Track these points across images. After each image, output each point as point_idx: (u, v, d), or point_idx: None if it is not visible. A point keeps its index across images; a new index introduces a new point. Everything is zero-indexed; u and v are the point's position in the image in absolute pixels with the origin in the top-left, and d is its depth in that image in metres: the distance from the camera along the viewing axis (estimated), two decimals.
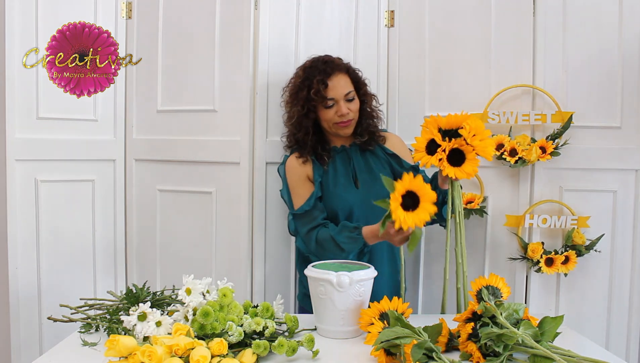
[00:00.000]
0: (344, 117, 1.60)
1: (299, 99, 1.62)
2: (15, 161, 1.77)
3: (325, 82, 1.59)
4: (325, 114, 1.61)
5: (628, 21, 1.76)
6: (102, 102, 1.94)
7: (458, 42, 1.89)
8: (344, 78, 1.62)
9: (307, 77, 1.61)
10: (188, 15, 1.91)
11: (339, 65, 1.64)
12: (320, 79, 1.58)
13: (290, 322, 1.24)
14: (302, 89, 1.61)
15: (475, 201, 1.83)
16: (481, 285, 1.21)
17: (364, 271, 1.27)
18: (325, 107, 1.60)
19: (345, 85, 1.62)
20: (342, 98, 1.60)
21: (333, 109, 1.60)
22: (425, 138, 1.33)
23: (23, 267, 1.80)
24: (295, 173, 1.65)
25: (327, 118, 1.61)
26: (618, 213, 1.80)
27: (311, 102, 1.60)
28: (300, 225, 1.61)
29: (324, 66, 1.61)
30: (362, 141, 1.67)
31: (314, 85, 1.58)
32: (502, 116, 1.80)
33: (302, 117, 1.62)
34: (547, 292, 1.85)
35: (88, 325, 1.26)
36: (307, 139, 1.64)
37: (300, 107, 1.62)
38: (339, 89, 1.60)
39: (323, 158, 1.65)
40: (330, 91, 1.59)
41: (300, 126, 1.64)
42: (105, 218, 1.98)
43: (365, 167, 1.66)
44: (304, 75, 1.62)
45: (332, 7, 1.94)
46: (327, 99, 1.59)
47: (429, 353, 1.02)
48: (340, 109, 1.59)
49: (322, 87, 1.58)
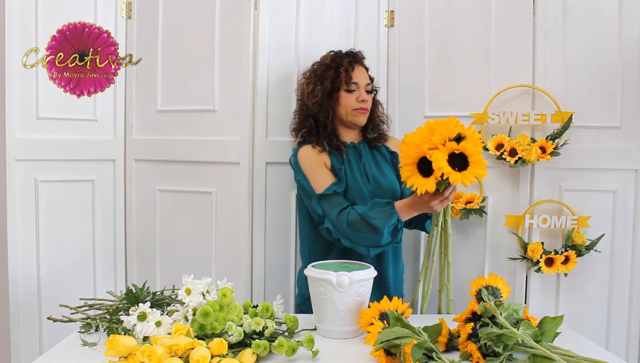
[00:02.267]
0: (364, 103, 1.65)
1: (326, 77, 1.66)
2: (15, 161, 1.77)
3: (353, 65, 1.67)
4: (347, 99, 1.65)
5: (628, 21, 1.76)
6: (102, 102, 1.94)
7: (458, 42, 1.89)
8: (365, 71, 1.72)
9: (335, 60, 1.68)
10: (188, 15, 1.91)
11: (363, 60, 1.74)
12: (349, 60, 1.67)
13: (290, 321, 1.24)
14: (329, 68, 1.67)
15: (474, 201, 1.83)
16: (481, 285, 1.21)
17: (363, 271, 1.27)
18: (348, 91, 1.65)
19: (367, 77, 1.71)
20: (364, 86, 1.68)
21: (354, 94, 1.65)
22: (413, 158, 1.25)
23: (23, 267, 1.80)
24: (314, 160, 1.62)
25: (347, 103, 1.65)
26: (618, 213, 1.80)
27: (338, 78, 1.64)
28: (329, 207, 1.55)
29: (351, 57, 1.70)
30: (372, 137, 1.72)
31: (344, 64, 1.66)
32: (502, 116, 1.80)
33: (326, 96, 1.65)
34: (547, 292, 1.85)
35: (88, 325, 1.26)
36: (327, 121, 1.65)
37: (327, 85, 1.65)
38: (362, 77, 1.68)
39: (340, 148, 1.65)
40: (355, 76, 1.66)
41: (322, 106, 1.65)
42: (105, 218, 1.98)
43: (374, 163, 1.68)
44: (332, 58, 1.69)
45: (332, 7, 1.94)
46: (352, 82, 1.65)
47: (429, 353, 1.02)
48: (362, 95, 1.66)
49: (350, 70, 1.65)
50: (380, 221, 1.46)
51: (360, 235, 1.49)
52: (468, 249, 1.90)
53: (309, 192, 1.59)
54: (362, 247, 1.50)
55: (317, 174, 1.60)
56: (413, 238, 1.95)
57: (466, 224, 1.89)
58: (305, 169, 1.62)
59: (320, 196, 1.56)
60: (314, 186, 1.59)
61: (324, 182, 1.58)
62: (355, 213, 1.51)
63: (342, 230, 1.52)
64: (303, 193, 1.64)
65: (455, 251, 1.91)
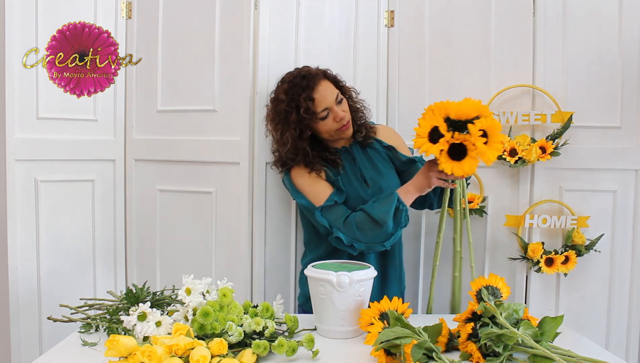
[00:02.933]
0: (343, 121, 1.58)
1: (290, 123, 1.55)
2: (15, 161, 1.77)
3: (311, 97, 1.54)
4: (324, 126, 1.58)
5: (628, 21, 1.76)
6: (102, 102, 1.94)
7: (458, 42, 1.89)
8: (326, 84, 1.59)
9: (292, 99, 1.56)
10: (188, 15, 1.91)
11: (317, 74, 1.59)
12: (306, 96, 1.54)
13: (290, 322, 1.24)
14: (289, 112, 1.56)
15: (475, 201, 1.83)
16: (481, 285, 1.21)
17: (363, 271, 1.27)
18: (321, 120, 1.57)
19: (331, 90, 1.58)
20: (334, 103, 1.57)
21: (329, 118, 1.57)
22: (429, 124, 1.27)
23: (23, 267, 1.80)
24: (307, 176, 1.60)
25: (327, 129, 1.59)
26: (618, 213, 1.80)
27: (304, 121, 1.55)
28: (334, 218, 1.53)
29: (304, 82, 1.56)
30: (362, 136, 1.66)
31: (302, 104, 1.53)
32: (502, 116, 1.80)
33: (297, 141, 1.56)
34: (547, 292, 1.85)
35: (88, 325, 1.26)
36: (309, 159, 1.59)
37: (293, 131, 1.55)
38: (327, 97, 1.56)
39: (336, 161, 1.61)
40: (319, 103, 1.55)
41: (297, 149, 1.58)
42: (105, 218, 1.98)
43: (369, 164, 1.65)
44: (288, 97, 1.57)
45: (332, 7, 1.94)
46: (320, 112, 1.55)
47: (429, 353, 1.02)
48: (337, 114, 1.56)
49: (310, 104, 1.54)
50: (382, 210, 1.45)
51: (369, 234, 1.48)
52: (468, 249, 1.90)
53: (310, 208, 1.58)
54: (377, 245, 1.49)
55: (315, 188, 1.58)
56: (413, 238, 1.94)
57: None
58: (301, 187, 1.60)
59: (322, 209, 1.55)
60: (313, 200, 1.57)
61: (323, 194, 1.56)
62: (360, 213, 1.50)
63: (352, 234, 1.50)
64: (305, 211, 1.63)
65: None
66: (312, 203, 1.57)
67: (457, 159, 1.25)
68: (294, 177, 1.62)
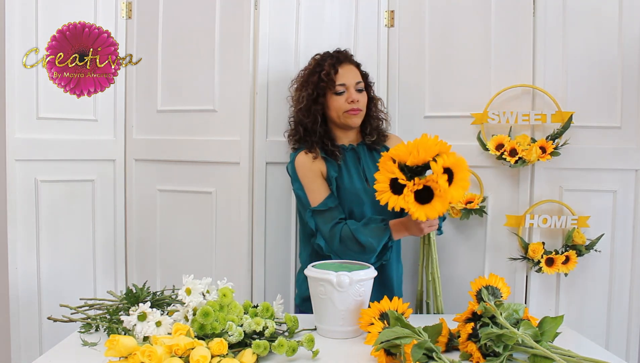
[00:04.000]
0: (354, 104, 1.60)
1: (310, 83, 1.62)
2: (15, 161, 1.77)
3: (336, 67, 1.61)
4: (335, 102, 1.61)
5: (628, 21, 1.76)
6: (102, 102, 1.94)
7: (458, 42, 1.89)
8: (355, 70, 1.66)
9: (319, 64, 1.63)
10: (188, 15, 1.91)
11: (351, 57, 1.68)
12: (331, 63, 1.61)
13: (290, 322, 1.24)
14: (313, 73, 1.63)
15: (475, 201, 1.83)
16: (481, 285, 1.21)
17: (364, 271, 1.27)
18: (336, 94, 1.60)
19: (356, 75, 1.64)
20: (353, 86, 1.62)
21: (343, 96, 1.60)
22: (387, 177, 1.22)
23: (23, 267, 1.80)
24: (309, 169, 1.60)
25: (336, 106, 1.61)
26: (618, 213, 1.80)
27: (321, 84, 1.60)
28: (322, 222, 1.55)
29: (336, 54, 1.65)
30: (372, 140, 1.68)
31: (325, 68, 1.60)
32: (502, 116, 1.80)
33: (311, 102, 1.61)
34: (547, 292, 1.85)
35: (88, 325, 1.26)
36: (316, 127, 1.61)
37: (310, 91, 1.61)
38: (349, 77, 1.62)
39: (334, 153, 1.62)
40: (341, 77, 1.61)
41: (309, 112, 1.62)
42: (105, 218, 1.98)
43: (373, 166, 1.64)
44: (316, 62, 1.65)
45: (332, 6, 1.94)
46: (337, 85, 1.60)
47: (429, 353, 1.02)
48: (351, 95, 1.60)
49: (332, 72, 1.60)
50: (371, 240, 1.47)
51: (349, 252, 1.49)
52: (468, 249, 1.90)
53: (304, 203, 1.60)
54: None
55: (313, 185, 1.59)
56: (413, 238, 1.94)
57: (466, 224, 1.89)
58: (301, 178, 1.61)
59: (313, 211, 1.56)
60: (309, 197, 1.58)
61: (319, 194, 1.57)
62: (348, 229, 1.51)
63: (334, 246, 1.52)
64: (299, 203, 1.64)
65: (455, 251, 1.92)
66: (308, 199, 1.58)
67: (426, 202, 1.21)
68: (297, 166, 1.62)
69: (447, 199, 1.19)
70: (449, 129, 1.88)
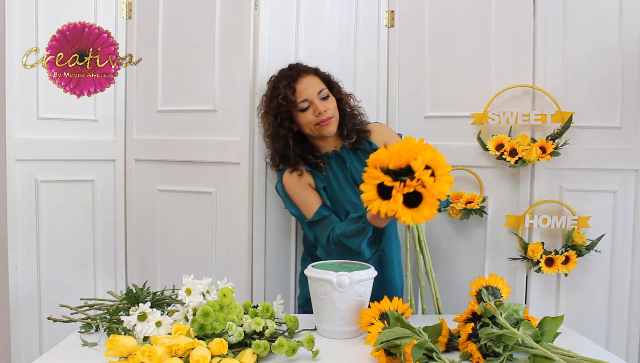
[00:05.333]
0: (322, 116, 1.56)
1: (271, 109, 1.60)
2: (15, 161, 1.77)
3: (292, 86, 1.57)
4: (303, 118, 1.58)
5: (628, 21, 1.75)
6: (102, 102, 1.94)
7: (458, 42, 1.89)
8: (313, 78, 1.61)
9: (275, 87, 1.60)
10: (188, 15, 1.91)
11: (306, 68, 1.63)
12: (286, 84, 1.57)
13: (290, 322, 1.24)
14: (272, 99, 1.60)
15: (475, 201, 1.83)
16: (481, 285, 1.21)
17: (364, 271, 1.27)
18: (301, 111, 1.57)
19: (316, 84, 1.59)
20: (316, 97, 1.57)
21: (309, 110, 1.57)
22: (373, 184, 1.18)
23: (23, 267, 1.80)
24: (296, 184, 1.60)
25: (306, 122, 1.58)
26: (618, 213, 1.80)
27: (281, 108, 1.57)
28: (320, 232, 1.54)
29: (289, 72, 1.60)
30: (352, 142, 1.64)
31: (282, 91, 1.56)
32: (502, 116, 1.80)
33: (276, 127, 1.59)
34: (547, 292, 1.85)
35: (88, 325, 1.26)
36: (289, 150, 1.60)
37: (272, 118, 1.59)
38: (309, 89, 1.57)
39: (319, 165, 1.60)
40: (300, 93, 1.57)
41: (277, 136, 1.60)
42: (105, 218, 1.98)
43: (360, 167, 1.62)
44: (272, 86, 1.62)
45: (332, 7, 1.94)
46: (299, 103, 1.56)
47: (429, 353, 1.02)
48: (317, 108, 1.56)
49: (289, 92, 1.56)
50: (356, 241, 1.43)
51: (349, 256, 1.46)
52: (468, 249, 1.90)
53: (300, 218, 1.61)
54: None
55: (305, 199, 1.58)
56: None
57: (466, 224, 1.89)
58: (292, 196, 1.61)
59: (310, 223, 1.56)
60: (303, 211, 1.59)
61: (313, 206, 1.57)
62: (336, 235, 1.49)
63: (333, 254, 1.50)
64: (297, 219, 1.66)
65: (455, 251, 1.92)
66: (302, 213, 1.59)
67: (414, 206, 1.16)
68: (285, 185, 1.62)
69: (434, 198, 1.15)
70: (449, 129, 1.88)
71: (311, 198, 1.58)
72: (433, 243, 1.92)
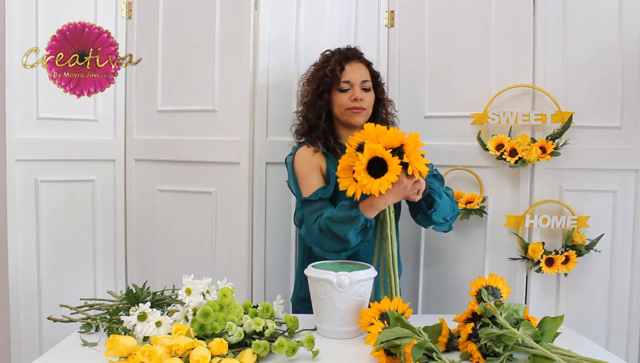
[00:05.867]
0: (357, 102, 1.57)
1: (315, 78, 1.61)
2: (15, 161, 1.77)
3: (342, 64, 1.59)
4: (339, 98, 1.58)
5: (628, 21, 1.76)
6: (102, 102, 1.94)
7: (458, 42, 1.89)
8: (363, 67, 1.62)
9: (327, 60, 1.62)
10: (188, 15, 1.91)
11: (361, 55, 1.65)
12: (338, 59, 1.59)
13: (290, 322, 1.24)
14: (320, 69, 1.61)
15: (475, 201, 1.83)
16: (481, 285, 1.21)
17: (363, 271, 1.27)
18: (340, 91, 1.58)
19: (363, 73, 1.61)
20: (358, 83, 1.59)
21: (347, 93, 1.58)
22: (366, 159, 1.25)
23: (23, 267, 1.80)
24: (307, 161, 1.58)
25: (340, 103, 1.58)
26: (618, 213, 1.80)
27: (326, 79, 1.58)
28: (309, 213, 1.49)
29: (345, 51, 1.63)
30: None
31: (332, 64, 1.59)
32: (502, 116, 1.80)
33: (315, 97, 1.60)
34: (547, 292, 1.85)
35: (88, 325, 1.26)
36: (319, 123, 1.59)
37: (315, 86, 1.60)
38: (356, 74, 1.59)
39: (335, 150, 1.58)
40: (346, 74, 1.59)
41: (313, 107, 1.60)
42: (105, 218, 1.98)
43: None
44: (324, 58, 1.64)
45: (332, 7, 1.94)
46: (342, 81, 1.58)
47: (429, 353, 1.02)
48: (355, 93, 1.57)
49: (338, 68, 1.58)
50: (344, 228, 1.40)
51: (329, 243, 1.43)
52: (468, 249, 1.90)
53: (295, 195, 1.58)
54: (331, 254, 1.43)
55: (309, 179, 1.56)
56: (413, 238, 1.95)
57: (466, 224, 1.89)
58: (297, 171, 1.58)
59: (304, 201, 1.52)
60: (302, 190, 1.55)
61: (313, 187, 1.53)
62: (324, 219, 1.44)
63: (315, 237, 1.45)
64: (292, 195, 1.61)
65: (455, 251, 1.92)
66: (300, 191, 1.55)
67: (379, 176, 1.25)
68: (296, 158, 1.59)
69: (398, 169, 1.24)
70: (449, 129, 1.88)
71: (315, 180, 1.55)
72: (433, 243, 1.92)
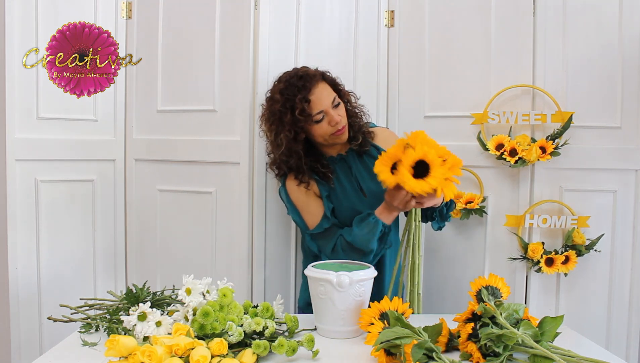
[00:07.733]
0: (338, 125, 1.52)
1: (285, 124, 1.50)
2: (15, 161, 1.77)
3: (307, 98, 1.49)
4: (318, 130, 1.52)
5: (628, 21, 1.76)
6: (102, 102, 1.94)
7: (458, 42, 1.89)
8: (324, 86, 1.53)
9: (287, 99, 1.50)
10: (188, 16, 1.91)
11: (315, 75, 1.53)
12: (301, 97, 1.48)
13: (290, 322, 1.24)
14: (284, 113, 1.50)
15: (475, 201, 1.83)
16: (481, 285, 1.21)
17: (364, 271, 1.27)
18: (316, 123, 1.51)
19: (328, 93, 1.52)
20: (330, 107, 1.51)
21: (325, 121, 1.51)
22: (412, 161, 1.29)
23: (23, 267, 1.80)
24: (300, 192, 1.57)
25: (321, 133, 1.53)
26: (618, 213, 1.80)
27: (298, 123, 1.49)
28: (323, 244, 1.53)
29: (301, 82, 1.50)
30: (358, 144, 1.60)
31: (297, 105, 1.48)
32: (502, 116, 1.80)
33: (291, 143, 1.51)
34: (547, 292, 1.85)
35: (88, 325, 1.26)
36: (301, 163, 1.55)
37: (288, 132, 1.50)
38: (324, 100, 1.50)
39: (327, 175, 1.57)
40: (315, 105, 1.49)
41: (291, 151, 1.53)
42: (105, 218, 1.98)
43: (366, 173, 1.60)
44: (283, 97, 1.51)
45: (332, 7, 1.94)
46: (314, 115, 1.49)
47: (429, 353, 1.02)
48: (333, 118, 1.50)
49: (306, 105, 1.48)
50: (367, 240, 1.45)
51: (355, 257, 1.47)
52: (468, 249, 1.90)
53: (302, 227, 1.60)
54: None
55: (309, 208, 1.56)
56: None
57: (466, 224, 1.89)
58: (295, 202, 1.59)
59: (312, 235, 1.56)
60: (306, 220, 1.57)
61: (315, 216, 1.55)
62: (343, 241, 1.50)
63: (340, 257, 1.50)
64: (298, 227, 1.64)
65: (455, 250, 1.92)
66: (305, 222, 1.58)
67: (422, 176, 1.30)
68: (289, 191, 1.59)
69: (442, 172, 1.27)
70: (449, 129, 1.88)
71: (315, 208, 1.56)
72: (433, 243, 1.92)
